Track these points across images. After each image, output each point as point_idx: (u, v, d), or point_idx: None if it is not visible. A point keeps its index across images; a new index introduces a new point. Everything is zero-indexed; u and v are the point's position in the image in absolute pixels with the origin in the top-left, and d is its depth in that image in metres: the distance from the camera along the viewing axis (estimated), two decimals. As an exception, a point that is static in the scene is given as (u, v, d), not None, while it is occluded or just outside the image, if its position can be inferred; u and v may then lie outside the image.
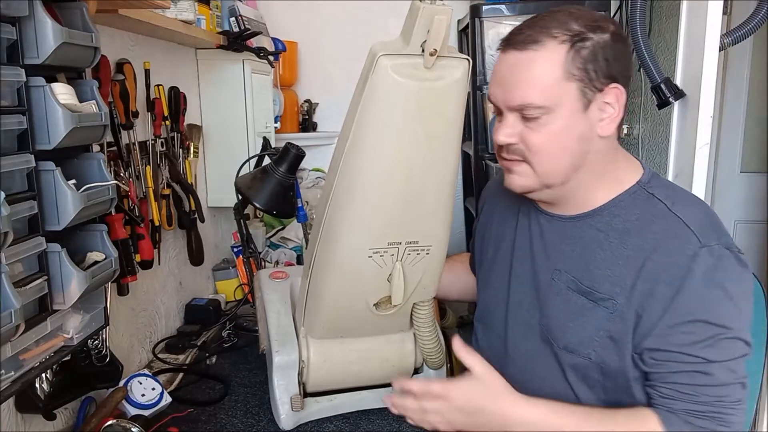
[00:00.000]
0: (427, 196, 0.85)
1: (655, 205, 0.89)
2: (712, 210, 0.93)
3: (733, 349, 0.85)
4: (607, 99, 0.86)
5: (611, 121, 0.87)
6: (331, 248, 0.91)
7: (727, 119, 2.48)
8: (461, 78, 0.79)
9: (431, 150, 0.81)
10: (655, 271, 0.85)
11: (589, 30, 0.84)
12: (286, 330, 1.10)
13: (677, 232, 0.86)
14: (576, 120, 0.85)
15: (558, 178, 0.89)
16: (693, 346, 0.84)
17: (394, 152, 0.80)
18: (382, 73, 0.75)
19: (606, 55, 0.84)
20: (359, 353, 1.08)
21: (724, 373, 0.85)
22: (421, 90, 0.77)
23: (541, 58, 0.83)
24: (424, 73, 0.76)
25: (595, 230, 0.92)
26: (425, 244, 0.90)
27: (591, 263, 0.91)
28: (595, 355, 0.90)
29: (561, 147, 0.87)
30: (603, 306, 0.89)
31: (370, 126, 0.79)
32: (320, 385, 1.09)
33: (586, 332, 0.90)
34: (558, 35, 0.83)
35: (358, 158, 0.82)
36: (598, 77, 0.84)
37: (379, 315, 0.99)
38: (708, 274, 0.83)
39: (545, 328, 0.96)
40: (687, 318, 0.84)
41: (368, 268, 0.90)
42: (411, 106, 0.77)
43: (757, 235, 2.53)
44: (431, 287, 1.00)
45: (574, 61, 0.83)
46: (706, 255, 0.83)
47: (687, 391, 0.86)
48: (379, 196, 0.83)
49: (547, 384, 0.97)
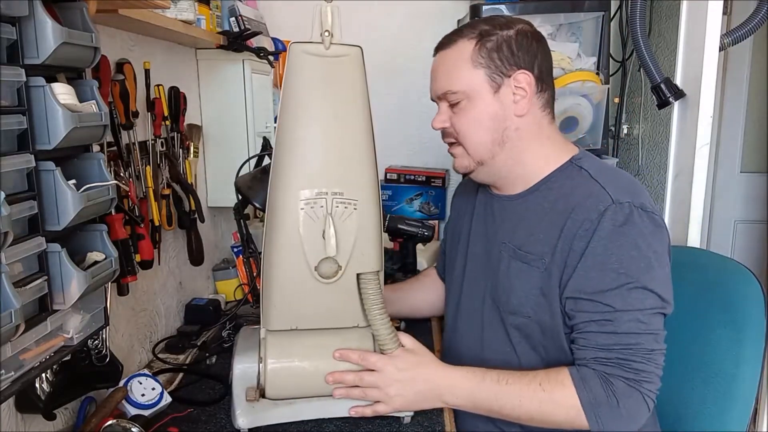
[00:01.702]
0: (343, 144, 1.02)
1: (581, 174, 1.02)
2: (635, 180, 1.04)
3: (642, 300, 0.91)
4: (517, 83, 1.01)
5: (524, 102, 1.02)
6: (272, 208, 1.03)
7: (727, 119, 2.48)
8: (355, 57, 1.01)
9: (339, 109, 1.01)
10: (573, 228, 0.95)
11: (496, 28, 1.01)
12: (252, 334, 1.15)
13: (592, 192, 0.97)
14: (489, 102, 1.02)
15: (485, 153, 1.05)
16: (601, 294, 0.92)
17: (310, 111, 1.01)
18: (294, 55, 1.00)
19: (510, 46, 1.00)
20: (316, 349, 1.08)
21: (632, 323, 0.91)
22: (323, 62, 1.00)
23: (454, 52, 1.03)
24: (325, 52, 1.00)
25: (534, 204, 1.04)
26: (351, 197, 1.02)
27: (529, 232, 1.03)
28: (533, 313, 1.00)
29: (479, 126, 1.03)
30: (535, 266, 1.00)
31: (292, 97, 1.00)
32: (279, 387, 1.07)
33: (524, 292, 1.01)
34: (468, 34, 1.02)
35: (285, 120, 1.01)
36: (504, 64, 1.00)
37: (325, 283, 1.03)
38: (617, 227, 0.92)
39: (494, 296, 1.07)
40: (596, 267, 0.92)
41: (303, 223, 1.01)
42: (317, 74, 1.00)
43: (757, 235, 2.53)
44: (371, 257, 1.05)
45: (480, 51, 1.00)
46: (616, 210, 0.93)
47: (596, 339, 0.93)
48: (301, 147, 1.01)
49: (496, 352, 1.07)
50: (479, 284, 1.12)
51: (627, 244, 0.92)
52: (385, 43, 2.28)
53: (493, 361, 1.05)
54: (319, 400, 1.09)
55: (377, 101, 1.11)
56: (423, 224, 1.68)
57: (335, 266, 1.03)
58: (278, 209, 1.02)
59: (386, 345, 1.05)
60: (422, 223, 1.68)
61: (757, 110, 2.45)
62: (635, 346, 0.90)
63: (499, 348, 1.07)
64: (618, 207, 0.93)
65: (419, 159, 2.38)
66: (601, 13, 1.75)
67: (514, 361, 1.05)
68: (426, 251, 2.06)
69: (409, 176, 2.31)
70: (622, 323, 0.91)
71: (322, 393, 1.09)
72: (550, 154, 1.05)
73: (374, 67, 1.15)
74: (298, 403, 1.08)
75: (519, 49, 1.01)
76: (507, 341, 1.06)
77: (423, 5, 2.27)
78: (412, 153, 2.38)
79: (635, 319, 0.90)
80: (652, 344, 0.91)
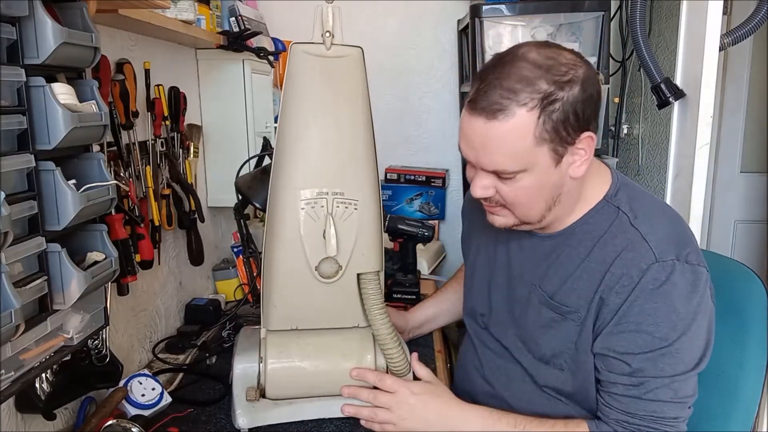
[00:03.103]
0: (344, 144, 1.02)
1: (620, 218, 0.92)
2: (680, 220, 0.95)
3: (674, 365, 0.86)
4: (580, 146, 0.86)
5: (583, 164, 0.88)
6: (272, 208, 1.03)
7: (727, 119, 2.48)
8: (356, 57, 1.02)
9: (339, 109, 1.02)
10: (611, 282, 0.88)
11: (558, 88, 0.81)
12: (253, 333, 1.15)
13: (635, 245, 0.88)
14: (549, 175, 0.87)
15: (536, 219, 0.93)
16: (631, 357, 0.86)
17: (311, 111, 1.01)
18: (295, 55, 1.00)
19: (577, 110, 0.83)
20: (315, 348, 1.08)
21: (660, 389, 0.86)
22: (324, 63, 1.00)
23: (512, 128, 0.82)
24: (326, 52, 1.00)
25: (569, 248, 0.95)
26: (351, 197, 1.02)
27: (562, 279, 0.95)
28: (567, 366, 0.95)
29: (535, 196, 0.89)
30: (570, 319, 0.93)
31: (293, 98, 1.01)
32: (279, 387, 1.08)
33: (558, 344, 0.95)
34: (527, 101, 0.81)
35: (285, 120, 1.02)
36: (570, 134, 0.84)
37: (325, 283, 1.03)
38: (656, 287, 0.85)
39: (520, 340, 1.02)
40: (630, 327, 0.86)
41: (304, 223, 1.01)
42: (317, 74, 1.00)
43: (757, 235, 2.53)
44: (371, 257, 1.05)
45: (545, 125, 0.82)
46: (658, 269, 0.85)
47: (621, 402, 0.89)
48: (302, 147, 1.01)
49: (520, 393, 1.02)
50: (506, 323, 1.05)
51: (664, 307, 0.85)
52: (385, 43, 2.28)
53: (518, 402, 1.02)
54: (319, 400, 1.09)
55: (377, 101, 1.11)
56: (423, 224, 1.68)
57: (336, 266, 1.03)
58: (279, 209, 1.02)
59: (387, 345, 1.05)
60: (422, 223, 1.68)
61: (757, 110, 2.45)
62: (660, 414, 0.87)
63: (526, 390, 1.02)
64: (660, 265, 0.85)
65: (419, 159, 2.38)
66: (601, 13, 1.75)
67: (540, 405, 1.00)
68: (426, 251, 2.07)
69: (409, 176, 2.31)
70: (649, 389, 0.86)
71: (322, 393, 1.09)
72: (588, 194, 0.96)
73: (374, 67, 1.15)
74: (298, 403, 1.08)
75: (585, 109, 0.84)
76: (534, 386, 1.01)
77: (423, 5, 2.27)
78: (412, 153, 2.38)
79: (664, 386, 0.86)
80: (677, 412, 0.87)
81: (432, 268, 2.09)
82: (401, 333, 1.24)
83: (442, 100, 2.33)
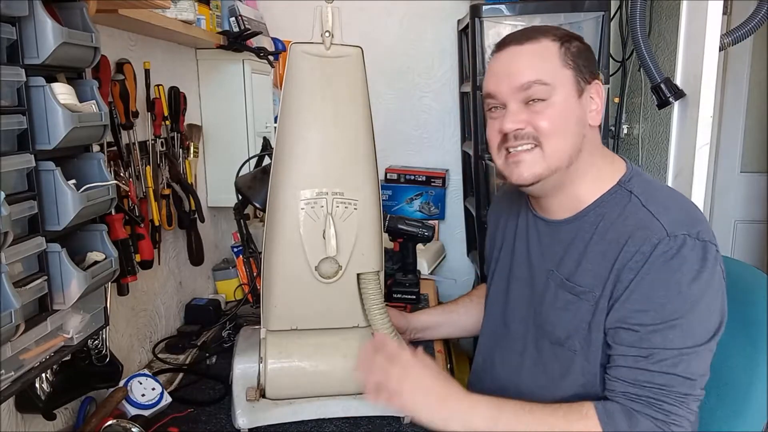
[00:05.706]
0: (344, 144, 1.03)
1: (632, 201, 0.95)
2: (692, 204, 0.98)
3: (683, 338, 0.87)
4: (592, 93, 0.98)
5: (597, 113, 0.98)
6: (272, 208, 1.04)
7: (727, 119, 2.49)
8: (356, 57, 1.02)
9: (339, 109, 1.02)
10: (624, 260, 0.90)
11: (567, 37, 0.97)
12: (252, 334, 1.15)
13: (647, 224, 0.91)
14: (573, 104, 0.95)
15: (564, 159, 0.96)
16: (642, 327, 0.88)
17: (310, 111, 1.02)
18: (295, 55, 1.01)
19: (587, 56, 0.98)
20: (315, 348, 1.08)
21: (669, 360, 0.87)
22: (324, 63, 1.01)
23: (541, 47, 0.95)
24: (326, 52, 1.01)
25: (583, 231, 0.98)
26: (351, 197, 1.02)
27: (577, 262, 0.97)
28: (580, 348, 0.96)
29: (566, 126, 0.95)
30: (584, 299, 0.95)
31: (293, 98, 1.01)
32: (279, 387, 1.07)
33: (572, 325, 0.96)
34: (548, 34, 0.96)
35: (285, 120, 1.02)
36: (586, 71, 0.96)
37: (325, 283, 1.04)
38: (667, 261, 0.87)
39: (538, 324, 1.02)
40: (641, 298, 0.89)
41: (304, 223, 1.02)
42: (317, 74, 1.01)
43: (757, 235, 2.53)
44: (371, 257, 1.05)
45: (566, 54, 0.95)
46: (668, 242, 0.88)
47: (630, 373, 0.89)
48: (302, 147, 1.02)
49: (535, 379, 1.03)
50: (523, 311, 1.07)
51: (674, 279, 0.87)
52: (385, 43, 2.28)
53: (529, 388, 1.02)
54: (319, 400, 1.09)
55: (377, 101, 1.11)
56: (423, 224, 1.68)
57: (335, 266, 1.03)
58: (279, 209, 1.02)
59: None
60: (422, 223, 1.68)
61: (757, 110, 2.46)
62: (668, 387, 0.86)
63: (538, 376, 1.03)
64: (671, 239, 0.87)
65: (419, 159, 2.38)
66: (601, 13, 1.75)
67: (550, 390, 1.00)
68: (426, 251, 2.07)
69: (409, 176, 2.31)
70: (658, 360, 0.87)
71: (322, 393, 1.09)
72: (602, 176, 1.00)
73: (374, 67, 1.15)
74: (298, 403, 1.08)
75: (589, 57, 0.98)
76: (547, 371, 1.01)
77: (423, 5, 2.27)
78: (412, 153, 2.38)
79: (673, 358, 0.86)
80: (687, 389, 0.87)
81: (432, 268, 2.09)
82: (401, 333, 1.24)
83: (442, 100, 2.33)
